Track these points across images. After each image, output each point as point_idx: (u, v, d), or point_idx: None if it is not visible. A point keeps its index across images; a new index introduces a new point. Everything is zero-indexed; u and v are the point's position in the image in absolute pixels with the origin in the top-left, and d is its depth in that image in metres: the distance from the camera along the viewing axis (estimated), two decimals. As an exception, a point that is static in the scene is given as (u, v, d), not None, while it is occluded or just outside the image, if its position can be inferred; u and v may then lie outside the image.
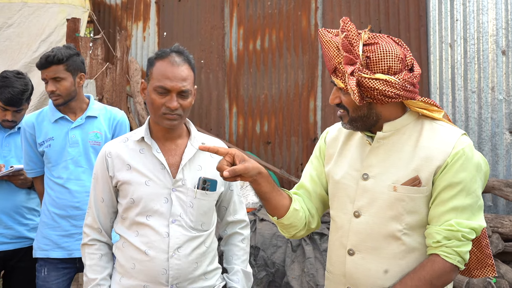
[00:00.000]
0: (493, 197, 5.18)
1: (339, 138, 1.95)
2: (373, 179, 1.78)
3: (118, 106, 5.19)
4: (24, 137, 2.96)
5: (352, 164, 1.85)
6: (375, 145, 1.80)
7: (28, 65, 5.75)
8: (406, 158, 1.74)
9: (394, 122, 1.78)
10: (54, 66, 2.88)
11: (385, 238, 1.75)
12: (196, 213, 2.10)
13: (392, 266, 1.74)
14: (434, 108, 1.79)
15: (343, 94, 1.77)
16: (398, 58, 1.70)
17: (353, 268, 1.80)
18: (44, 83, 2.92)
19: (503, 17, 5.21)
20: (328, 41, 1.77)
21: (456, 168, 1.69)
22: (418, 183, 1.71)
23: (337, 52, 1.75)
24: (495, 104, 5.22)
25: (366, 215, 1.78)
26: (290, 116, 6.13)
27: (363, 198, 1.79)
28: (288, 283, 4.12)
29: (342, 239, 1.84)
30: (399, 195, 1.72)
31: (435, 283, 1.68)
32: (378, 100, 1.70)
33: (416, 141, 1.75)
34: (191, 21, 6.58)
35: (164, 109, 2.02)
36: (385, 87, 1.67)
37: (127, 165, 2.10)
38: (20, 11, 5.80)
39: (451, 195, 1.69)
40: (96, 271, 2.14)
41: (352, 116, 1.78)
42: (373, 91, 1.68)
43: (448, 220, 1.68)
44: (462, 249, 1.68)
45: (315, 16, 6.05)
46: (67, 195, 2.89)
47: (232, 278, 2.26)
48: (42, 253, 2.92)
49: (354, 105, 1.75)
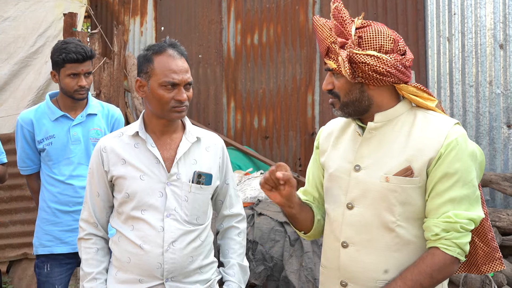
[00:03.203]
0: (490, 191, 5.18)
1: (333, 133, 1.95)
2: (365, 170, 1.77)
3: (116, 101, 5.18)
4: (22, 134, 2.93)
5: (344, 156, 1.84)
6: (366, 136, 1.79)
7: (25, 60, 5.73)
8: (398, 149, 1.73)
9: (386, 112, 1.77)
10: (89, 60, 2.87)
11: (379, 229, 1.74)
12: (191, 207, 2.10)
13: (387, 259, 1.73)
14: (425, 95, 1.78)
15: (336, 78, 1.78)
16: (390, 38, 1.73)
17: (347, 261, 1.79)
18: (67, 79, 2.84)
19: (500, 10, 5.20)
20: (321, 25, 1.79)
21: (450, 158, 1.67)
22: (411, 174, 1.70)
23: (330, 33, 1.76)
24: (492, 98, 5.21)
25: (359, 207, 1.77)
26: (288, 111, 6.13)
27: (355, 189, 1.78)
28: (286, 277, 4.13)
29: (336, 232, 1.83)
30: (392, 185, 1.71)
31: (436, 276, 1.67)
32: (369, 78, 1.70)
33: (409, 132, 1.74)
34: (189, 16, 6.56)
35: (173, 103, 2.04)
36: (376, 63, 1.68)
37: (122, 160, 2.10)
38: (17, 5, 5.77)
39: (447, 187, 1.67)
40: (92, 265, 2.15)
41: (344, 101, 1.77)
42: (364, 65, 1.68)
43: (445, 212, 1.67)
44: (461, 240, 1.66)
45: (313, 10, 6.03)
46: (70, 191, 2.90)
47: (228, 271, 2.26)
48: (45, 249, 2.92)
49: (346, 88, 1.75)
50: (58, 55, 2.83)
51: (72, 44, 2.85)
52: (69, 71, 2.83)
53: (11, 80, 5.70)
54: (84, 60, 2.83)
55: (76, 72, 2.83)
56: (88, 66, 2.87)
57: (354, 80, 1.71)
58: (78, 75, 2.84)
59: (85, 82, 2.86)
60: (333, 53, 1.75)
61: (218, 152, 2.23)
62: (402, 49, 1.76)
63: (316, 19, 1.81)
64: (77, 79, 2.84)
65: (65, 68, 2.83)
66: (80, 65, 2.83)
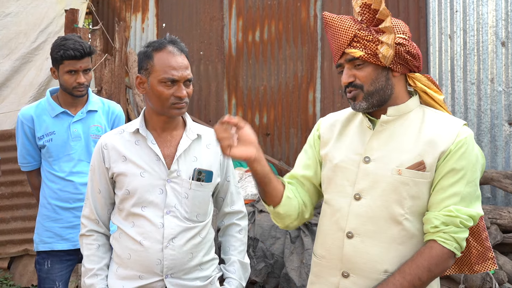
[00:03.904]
0: (491, 189, 5.18)
1: (336, 125, 1.95)
2: (375, 162, 1.78)
3: (117, 97, 5.18)
4: (22, 131, 2.93)
5: (352, 148, 1.84)
6: (378, 129, 1.81)
7: (27, 56, 5.72)
8: (410, 143, 1.76)
9: (399, 107, 1.80)
10: (87, 57, 2.86)
11: (386, 221, 1.75)
12: (191, 204, 2.11)
13: (392, 251, 1.74)
14: (434, 87, 1.83)
15: (359, 68, 1.77)
16: (406, 27, 1.82)
17: (351, 252, 1.78)
18: (65, 75, 2.83)
19: (502, 8, 5.19)
20: (338, 17, 1.80)
21: (459, 155, 1.70)
22: (423, 168, 1.72)
23: (353, 23, 1.77)
24: (494, 96, 5.21)
25: (368, 198, 1.77)
26: (289, 108, 6.13)
27: (364, 181, 1.79)
28: (287, 274, 4.14)
29: (340, 222, 1.81)
30: (404, 178, 1.73)
31: (434, 269, 1.68)
32: (402, 61, 1.76)
33: (419, 128, 1.77)
34: (190, 12, 6.55)
35: (173, 99, 2.04)
36: (409, 44, 1.76)
37: (123, 157, 2.11)
38: (19, 1, 5.77)
39: (452, 182, 1.70)
40: (93, 261, 2.16)
41: (369, 91, 1.76)
42: (400, 47, 1.75)
43: (447, 206, 1.69)
44: (459, 235, 1.68)
45: (315, 7, 6.02)
46: (71, 187, 2.90)
47: (228, 268, 2.26)
48: (45, 246, 2.92)
49: (373, 76, 1.76)
50: (57, 52, 2.82)
51: (71, 40, 2.83)
52: (68, 67, 2.82)
53: (12, 76, 5.69)
54: (83, 57, 2.82)
55: (75, 69, 2.82)
56: (87, 62, 2.86)
57: (390, 64, 1.75)
58: (77, 72, 2.83)
59: (84, 79, 2.85)
60: (360, 40, 1.74)
61: (218, 149, 2.22)
62: None
63: (327, 15, 1.81)
64: (75, 76, 2.84)
65: (63, 65, 2.83)
66: (79, 62, 2.82)
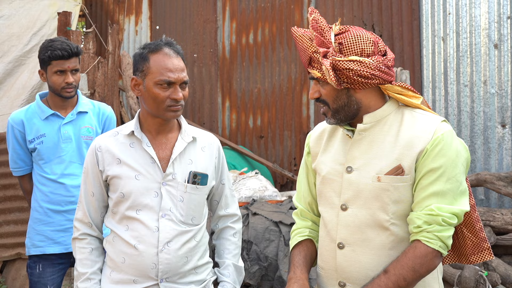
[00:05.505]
0: (485, 191, 5.20)
1: (323, 137, 1.97)
2: (357, 171, 1.80)
3: (111, 100, 5.16)
4: (13, 135, 2.91)
5: (336, 159, 1.87)
6: (356, 138, 1.82)
7: (19, 59, 5.70)
8: (388, 148, 1.76)
9: (374, 113, 1.80)
10: (75, 57, 2.86)
11: (374, 229, 1.76)
12: (186, 207, 2.09)
13: (383, 257, 1.75)
14: (410, 93, 1.81)
15: (322, 86, 1.81)
16: (369, 41, 1.76)
17: (344, 262, 1.81)
18: (54, 76, 2.83)
19: (495, 10, 5.22)
20: (300, 35, 1.83)
21: (435, 153, 1.71)
22: (401, 172, 1.73)
23: (310, 43, 1.80)
24: (487, 98, 5.23)
25: (353, 208, 1.79)
26: (283, 110, 6.13)
27: (348, 191, 1.81)
28: (280, 277, 4.13)
29: (331, 233, 1.85)
30: (384, 185, 1.74)
31: (418, 269, 1.68)
32: (355, 82, 1.74)
33: (397, 131, 1.77)
34: (184, 15, 6.55)
35: (169, 102, 2.03)
36: (360, 67, 1.72)
37: (117, 159, 2.09)
38: (11, 4, 5.75)
39: (431, 181, 1.70)
40: (86, 265, 2.13)
41: (334, 108, 1.80)
42: (348, 71, 1.71)
43: (428, 205, 1.69)
44: (443, 234, 1.68)
45: (308, 10, 6.03)
46: (62, 190, 2.88)
47: (223, 272, 2.25)
48: (37, 250, 2.90)
49: (333, 95, 1.78)
50: (44, 53, 2.83)
51: (57, 41, 2.85)
52: (56, 68, 2.82)
53: (5, 79, 5.67)
54: (70, 56, 2.83)
55: (62, 69, 2.82)
56: (75, 63, 2.87)
57: (340, 86, 1.75)
58: (65, 72, 2.83)
59: (72, 79, 2.85)
60: (316, 62, 1.78)
61: (214, 152, 2.22)
62: (382, 50, 1.79)
63: (294, 30, 1.85)
64: (64, 76, 2.84)
65: (51, 66, 2.83)
66: (66, 61, 2.82)
